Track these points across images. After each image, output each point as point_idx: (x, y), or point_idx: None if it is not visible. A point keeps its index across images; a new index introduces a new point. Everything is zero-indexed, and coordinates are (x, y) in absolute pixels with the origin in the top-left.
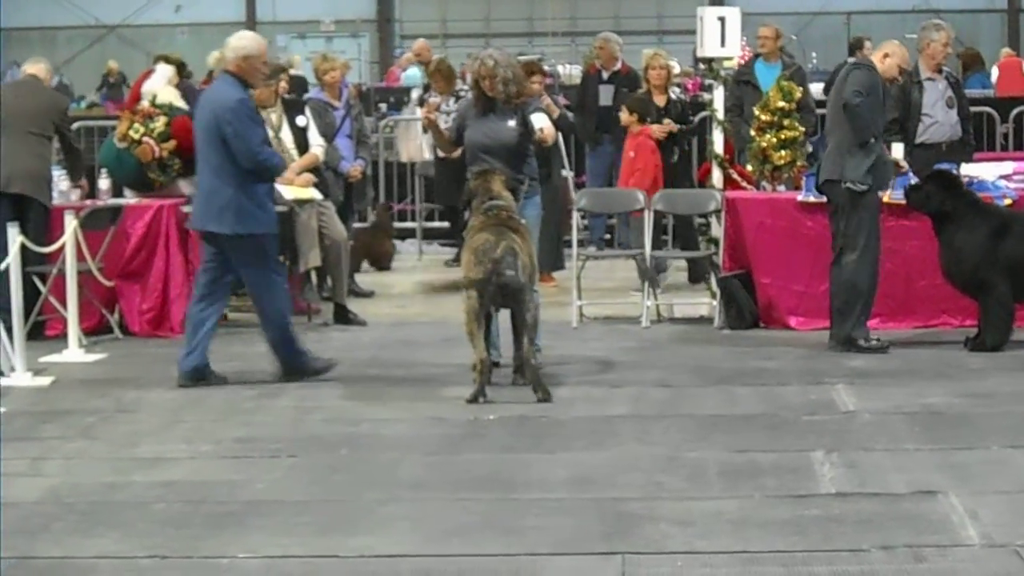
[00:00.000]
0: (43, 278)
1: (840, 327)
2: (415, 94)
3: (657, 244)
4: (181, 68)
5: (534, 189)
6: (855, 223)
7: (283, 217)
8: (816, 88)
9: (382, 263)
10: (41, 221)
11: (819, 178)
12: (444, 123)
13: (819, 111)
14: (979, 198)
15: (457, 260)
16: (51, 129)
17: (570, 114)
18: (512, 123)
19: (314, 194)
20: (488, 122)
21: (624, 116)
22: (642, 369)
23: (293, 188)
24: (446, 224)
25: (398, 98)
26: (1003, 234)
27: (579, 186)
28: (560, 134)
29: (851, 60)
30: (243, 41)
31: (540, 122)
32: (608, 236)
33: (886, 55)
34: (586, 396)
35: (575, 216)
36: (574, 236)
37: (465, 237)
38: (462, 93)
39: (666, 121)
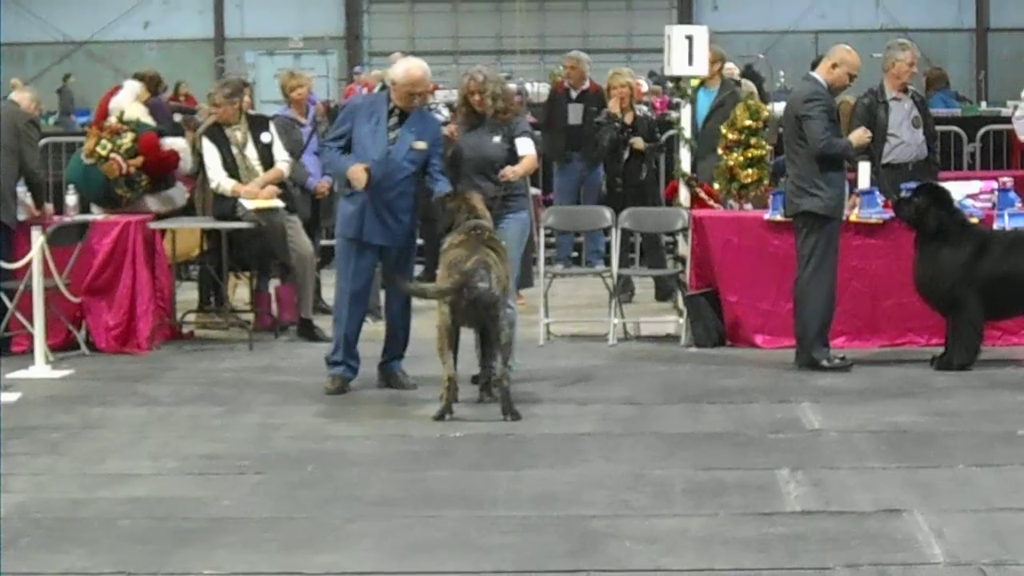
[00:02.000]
0: (9, 294)
1: (801, 348)
2: None
3: (624, 262)
4: (155, 83)
5: (519, 204)
6: (811, 243)
7: (252, 233)
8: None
9: None
10: None
11: (786, 211)
12: None
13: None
14: (965, 216)
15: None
16: (16, 146)
17: (536, 132)
18: (498, 139)
19: (276, 203)
20: (474, 136)
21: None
22: (609, 387)
23: (257, 200)
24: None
25: None
26: (981, 253)
27: (546, 204)
28: None
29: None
30: (395, 67)
31: (525, 148)
32: (575, 254)
33: (834, 65)
34: (553, 414)
35: (542, 234)
36: (541, 254)
37: (441, 254)
38: (432, 107)
39: (635, 139)
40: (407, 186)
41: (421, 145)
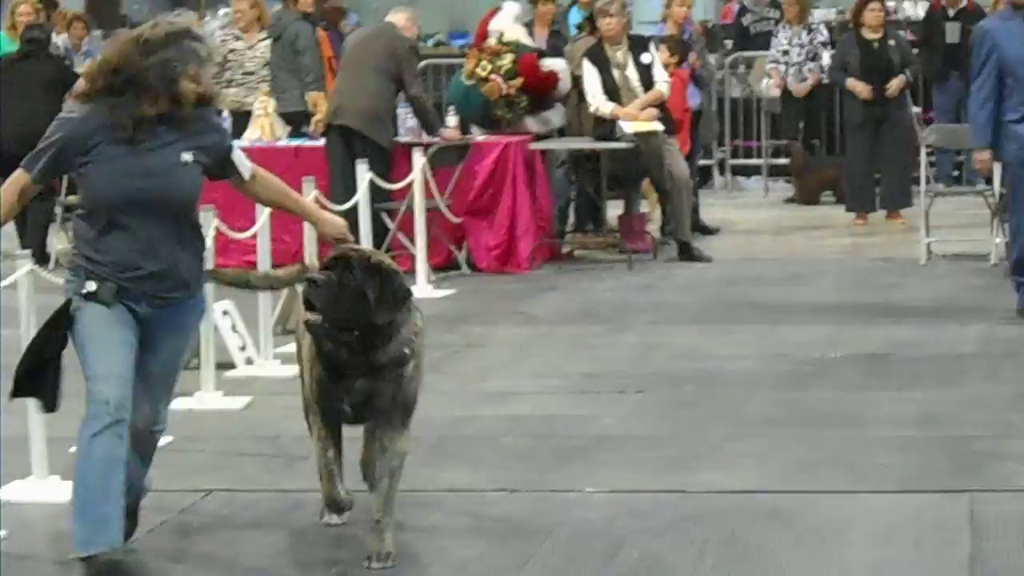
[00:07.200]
0: (390, 215)
1: None
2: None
3: None
4: None
5: None
6: None
7: (629, 153)
8: None
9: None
10: (374, 158)
11: None
12: (796, 57)
13: None
14: None
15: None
16: (395, 70)
17: (913, 50)
18: None
19: (656, 126)
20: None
21: (664, 55)
22: (991, 306)
23: (636, 123)
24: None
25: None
26: None
27: (927, 122)
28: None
29: None
30: None
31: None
32: (956, 172)
33: None
34: (934, 334)
35: (923, 152)
36: (922, 173)
37: None
38: (813, 27)
39: None
40: None
41: None
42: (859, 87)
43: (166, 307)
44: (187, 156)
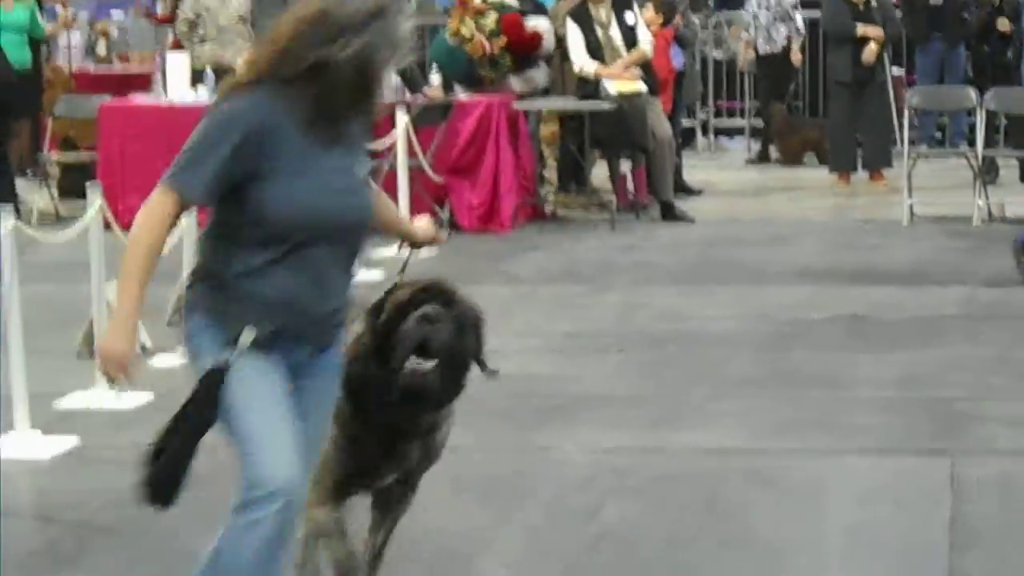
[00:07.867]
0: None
1: None
2: None
3: (990, 142)
4: None
5: None
6: None
7: (613, 114)
8: None
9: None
10: None
11: None
12: (764, 20)
13: None
14: None
15: (760, 159)
16: None
17: (896, 12)
18: None
19: (639, 87)
20: None
21: (649, 14)
22: (972, 268)
23: (619, 83)
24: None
25: None
26: None
27: (909, 84)
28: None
29: None
30: None
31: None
32: (939, 134)
33: None
34: (915, 295)
35: (906, 114)
36: (905, 134)
37: None
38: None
39: (1001, 19)
40: None
41: None
42: (872, 31)
43: (319, 354)
44: (363, 168)
